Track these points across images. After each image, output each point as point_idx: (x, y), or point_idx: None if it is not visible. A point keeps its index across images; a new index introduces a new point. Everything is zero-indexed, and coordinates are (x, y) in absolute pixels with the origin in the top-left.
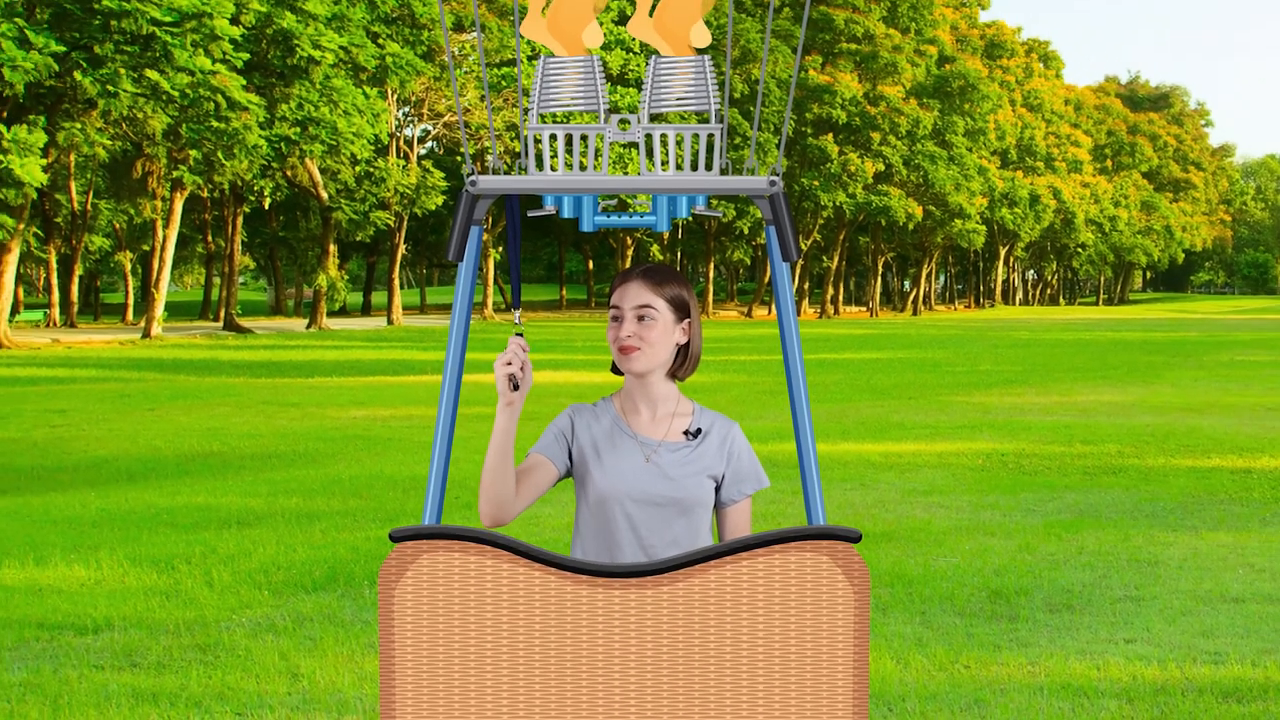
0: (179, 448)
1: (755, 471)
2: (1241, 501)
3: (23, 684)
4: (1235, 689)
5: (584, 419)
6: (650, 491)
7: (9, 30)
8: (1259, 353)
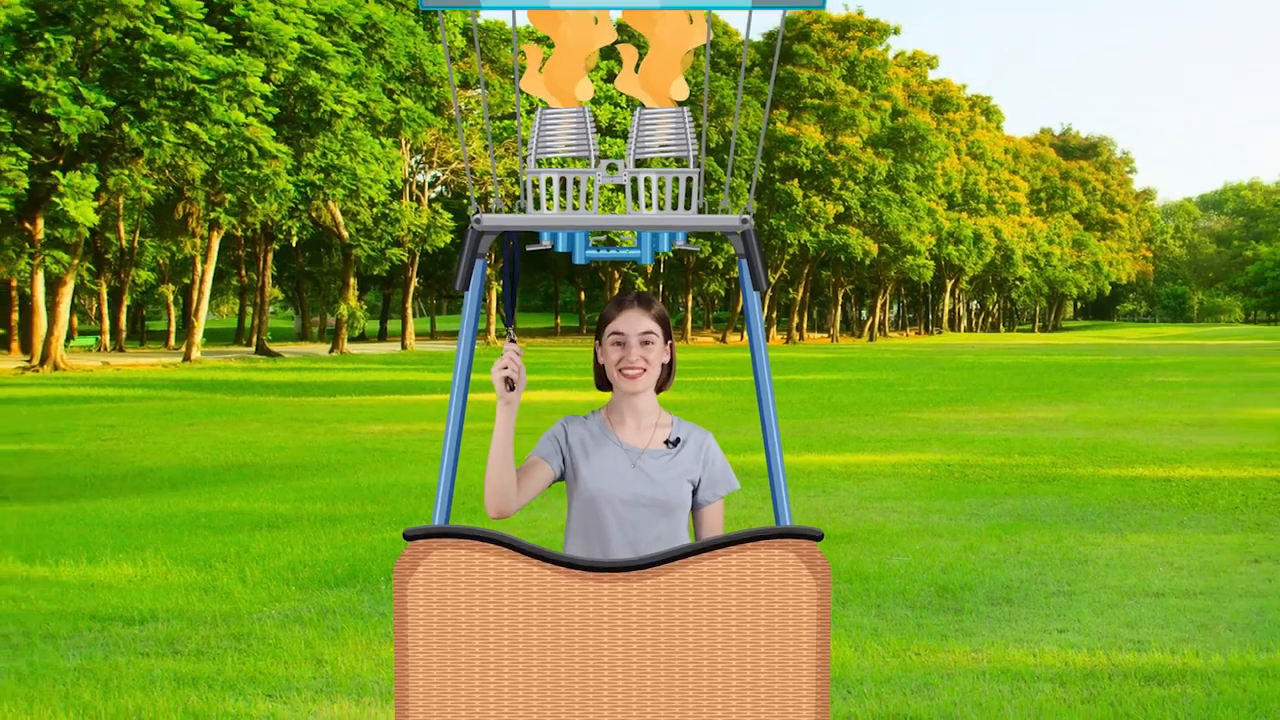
0: (216, 459)
1: (727, 476)
2: (1162, 507)
3: (77, 669)
4: (1156, 674)
5: (576, 429)
6: (636, 494)
7: (65, 87)
8: (1177, 374)
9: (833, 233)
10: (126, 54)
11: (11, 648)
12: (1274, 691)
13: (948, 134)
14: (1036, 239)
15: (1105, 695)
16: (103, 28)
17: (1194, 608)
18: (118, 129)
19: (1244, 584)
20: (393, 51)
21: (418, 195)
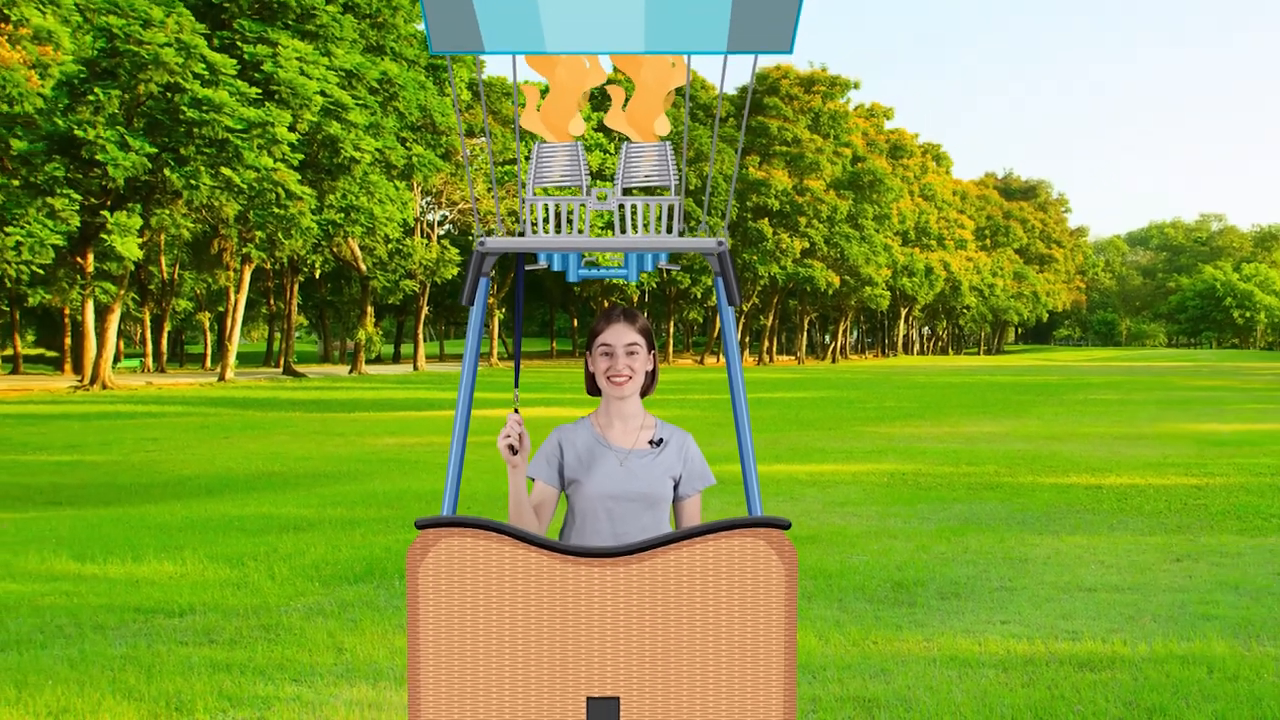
0: (247, 468)
1: (704, 472)
2: (1094, 511)
3: (122, 656)
4: (1088, 660)
5: (568, 438)
6: (625, 489)
7: (112, 136)
8: (1107, 393)
9: (799, 266)
10: (167, 106)
11: (64, 637)
12: (1194, 676)
13: (902, 178)
14: (981, 272)
15: (1043, 680)
16: (146, 83)
17: (1122, 601)
18: (159, 173)
19: (1167, 580)
20: (405, 104)
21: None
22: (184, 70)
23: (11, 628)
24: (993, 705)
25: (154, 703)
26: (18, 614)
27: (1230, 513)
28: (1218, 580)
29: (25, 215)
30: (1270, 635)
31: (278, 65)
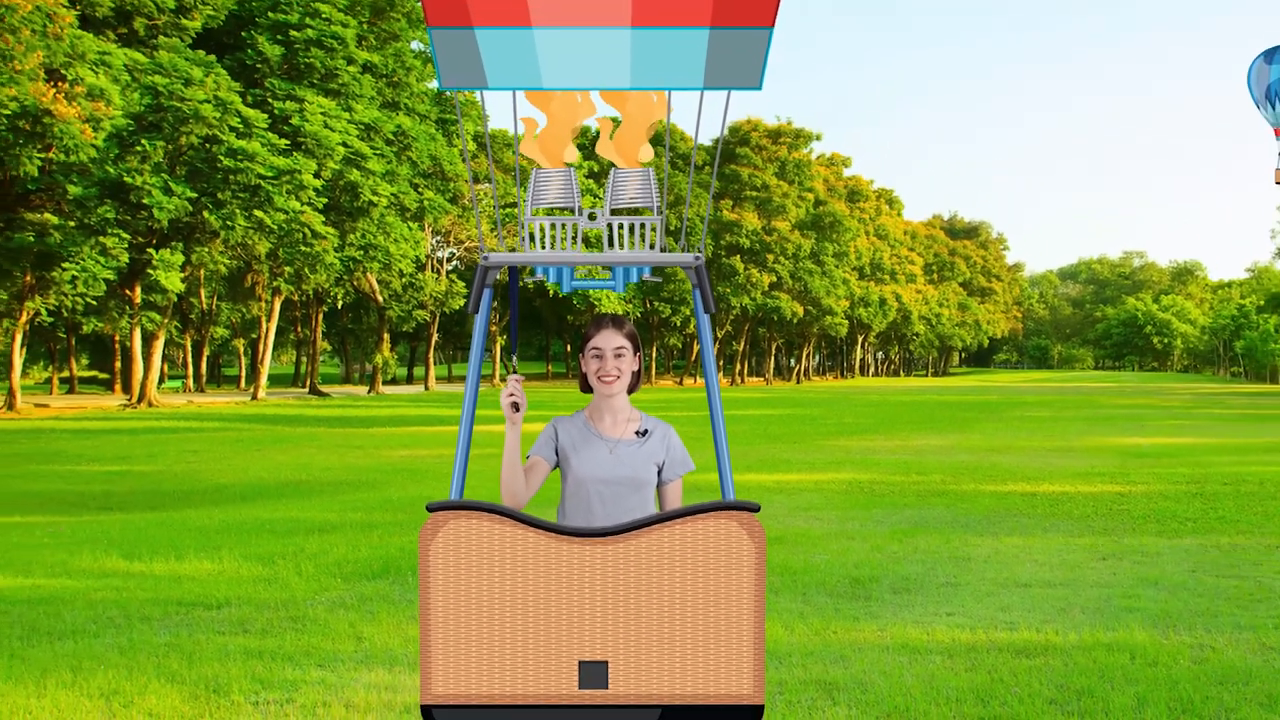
0: (277, 477)
1: (685, 459)
2: (1029, 515)
3: (166, 644)
4: (1024, 648)
5: (564, 426)
6: (613, 474)
7: (157, 182)
8: (1041, 411)
9: (768, 298)
10: (206, 155)
11: (115, 627)
12: (1118, 662)
13: (859, 219)
14: (929, 303)
15: (984, 665)
16: (187, 135)
17: (1054, 596)
18: (199, 215)
19: (1094, 577)
20: (418, 153)
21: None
22: (221, 124)
23: (68, 619)
24: (939, 688)
25: (194, 685)
26: (73, 606)
27: (1150, 517)
28: (1139, 577)
29: (80, 253)
30: (1186, 626)
31: (304, 119)
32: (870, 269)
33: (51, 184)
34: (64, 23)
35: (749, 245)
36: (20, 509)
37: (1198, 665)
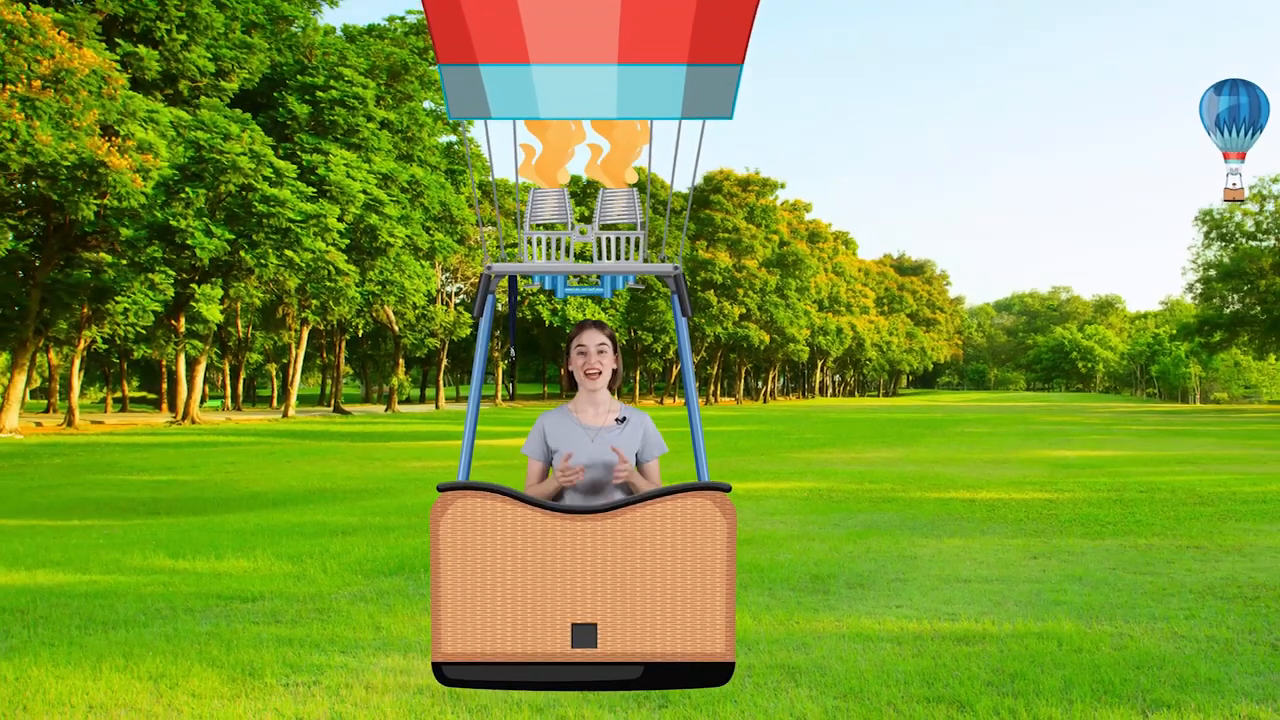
0: (305, 485)
1: (660, 443)
2: (968, 519)
3: (207, 633)
4: (964, 636)
5: (551, 420)
6: (597, 460)
7: (199, 225)
8: (979, 427)
9: (738, 327)
10: (242, 202)
11: (161, 618)
12: (1047, 649)
13: (818, 258)
14: (880, 332)
15: (929, 651)
16: (226, 183)
17: (991, 590)
18: (236, 254)
19: (1026, 573)
20: (429, 200)
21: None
22: (255, 174)
23: (120, 610)
24: (889, 671)
25: (232, 669)
26: (125, 599)
27: (1075, 520)
28: (1065, 574)
29: (131, 288)
30: (1107, 617)
31: (329, 170)
32: (828, 302)
33: (106, 227)
34: (117, 85)
35: (722, 281)
36: (78, 513)
37: (1118, 652)
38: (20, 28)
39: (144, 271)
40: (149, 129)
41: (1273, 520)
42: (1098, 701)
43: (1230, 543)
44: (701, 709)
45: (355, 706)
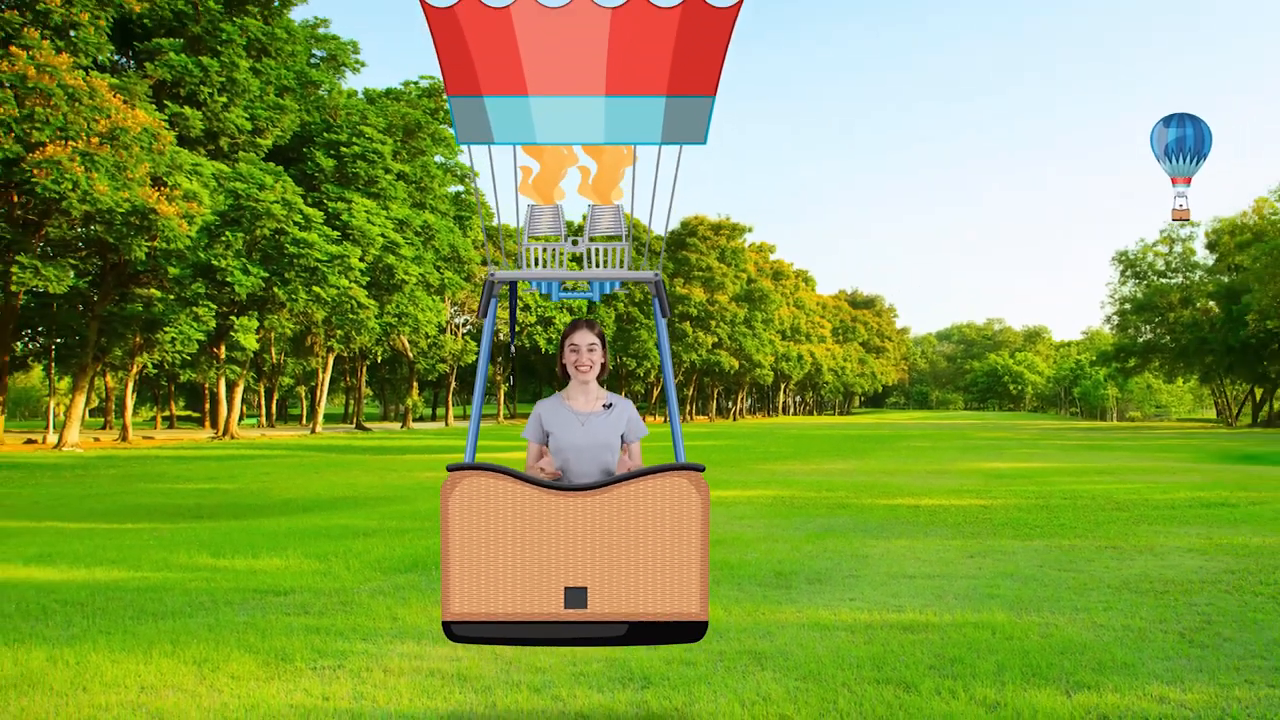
0: (331, 493)
1: (641, 426)
2: (913, 523)
3: (244, 623)
4: (910, 625)
5: (547, 407)
6: (583, 442)
7: (237, 265)
8: (922, 442)
9: (711, 354)
10: (276, 244)
11: (204, 609)
12: (982, 637)
13: (781, 293)
14: (836, 358)
15: (879, 638)
16: (261, 228)
17: (933, 585)
18: (270, 290)
19: (964, 570)
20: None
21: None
22: (287, 219)
23: (169, 602)
24: (843, 656)
25: (266, 654)
26: (173, 593)
27: (1007, 524)
28: (999, 571)
29: (178, 319)
30: (1035, 609)
31: (351, 216)
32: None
33: (156, 266)
34: (165, 141)
35: (696, 313)
36: (131, 518)
37: (1044, 639)
38: (81, 91)
39: (189, 305)
40: (193, 180)
41: (1180, 524)
42: (1027, 683)
43: (1143, 543)
44: (679, 689)
45: (374, 687)
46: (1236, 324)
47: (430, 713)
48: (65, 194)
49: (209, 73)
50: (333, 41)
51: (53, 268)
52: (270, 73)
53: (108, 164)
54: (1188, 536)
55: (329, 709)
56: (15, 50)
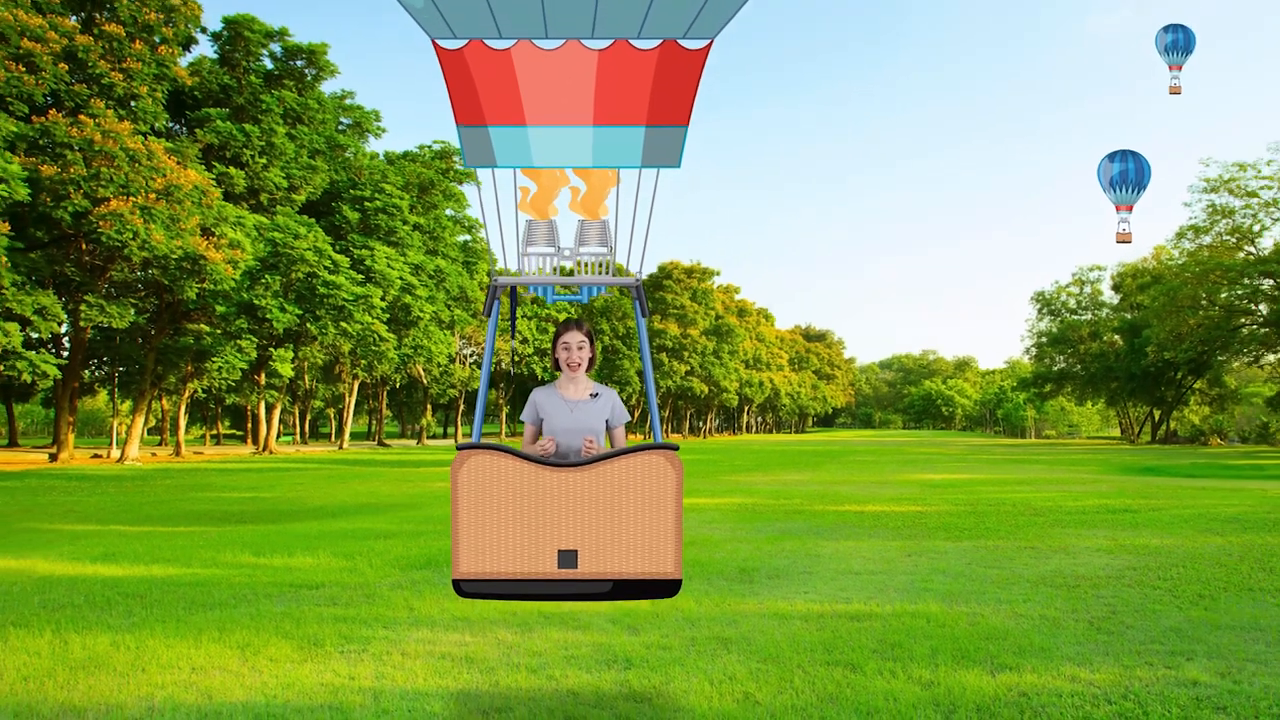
0: (356, 501)
1: (623, 413)
2: (859, 526)
3: (282, 612)
4: (856, 615)
5: (541, 395)
6: (573, 426)
7: (275, 304)
8: (867, 457)
9: (684, 381)
10: (308, 286)
11: (247, 601)
12: (918, 625)
13: (745, 328)
14: (792, 384)
15: (829, 626)
16: (295, 272)
17: (876, 580)
18: (304, 326)
19: (903, 568)
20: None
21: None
22: (318, 264)
23: (216, 595)
24: (799, 641)
25: (301, 640)
26: (219, 587)
27: (940, 527)
28: (933, 568)
29: (224, 351)
30: (964, 600)
31: (374, 261)
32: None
33: (205, 305)
34: (213, 197)
35: (671, 345)
36: (183, 522)
37: (972, 627)
38: (140, 154)
39: (233, 339)
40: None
41: (1089, 527)
42: (957, 665)
43: (1057, 544)
44: (657, 670)
45: (394, 668)
46: (1138, 355)
47: (442, 691)
48: (127, 243)
49: (251, 138)
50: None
51: (116, 306)
52: (304, 138)
53: (163, 217)
54: (1096, 538)
55: (354, 687)
56: (84, 118)
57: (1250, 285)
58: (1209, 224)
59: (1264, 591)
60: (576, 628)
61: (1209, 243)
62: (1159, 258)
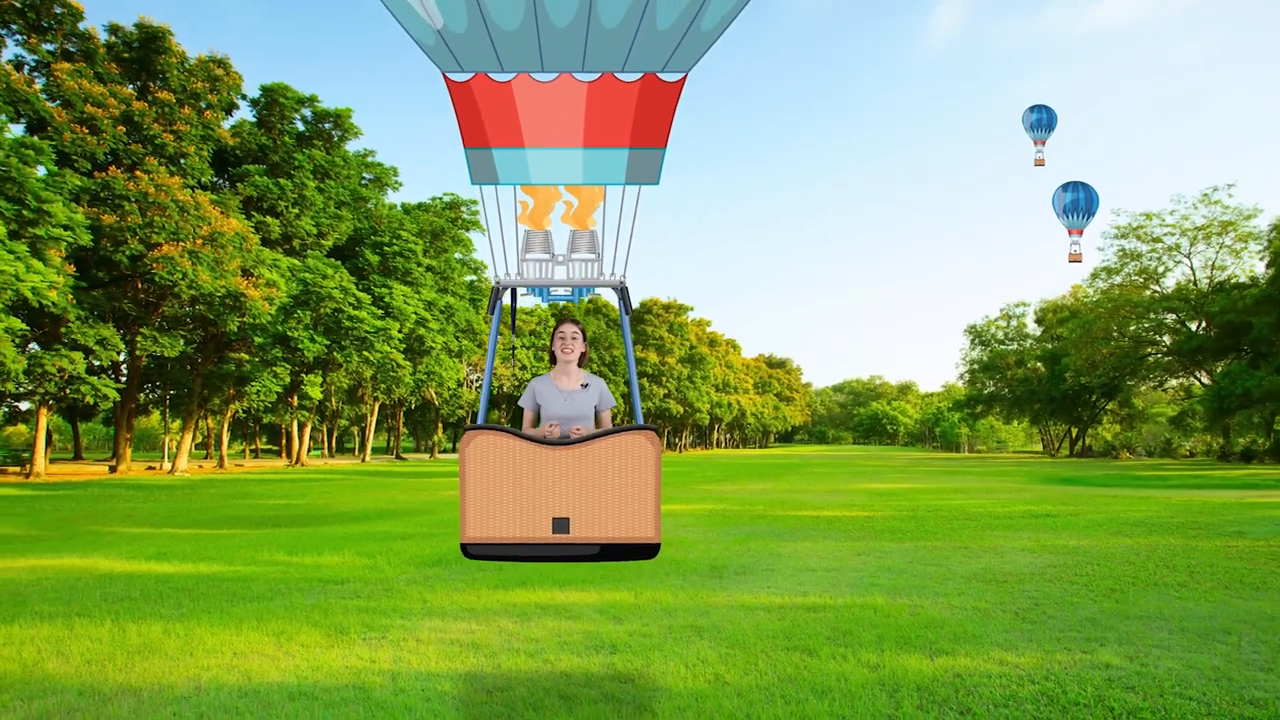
0: (377, 507)
1: (610, 399)
2: (815, 529)
3: (312, 604)
4: (812, 607)
5: (538, 384)
6: (566, 413)
7: (306, 335)
8: (821, 469)
9: (661, 403)
10: (335, 320)
11: (281, 595)
12: (866, 615)
13: (716, 357)
14: (757, 405)
15: (789, 617)
16: (324, 307)
17: (829, 576)
18: (331, 355)
19: (853, 565)
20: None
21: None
22: (343, 301)
23: (254, 589)
24: (763, 629)
25: (329, 628)
26: (257, 582)
27: (886, 530)
28: (880, 566)
29: (261, 377)
30: (906, 594)
31: (392, 299)
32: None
33: (244, 336)
34: (252, 242)
35: (651, 372)
36: (226, 525)
37: (914, 617)
38: (189, 205)
39: (269, 366)
40: (273, 271)
41: (1015, 530)
42: (900, 650)
43: (988, 545)
44: (639, 654)
45: (409, 653)
46: (1057, 380)
47: (451, 672)
48: (177, 282)
49: (285, 191)
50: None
51: (167, 337)
52: (331, 191)
53: (209, 260)
54: (1021, 539)
55: (375, 669)
56: (140, 174)
57: (1155, 319)
58: (1119, 265)
59: (1168, 586)
60: (569, 617)
61: (1119, 282)
62: (1076, 295)
